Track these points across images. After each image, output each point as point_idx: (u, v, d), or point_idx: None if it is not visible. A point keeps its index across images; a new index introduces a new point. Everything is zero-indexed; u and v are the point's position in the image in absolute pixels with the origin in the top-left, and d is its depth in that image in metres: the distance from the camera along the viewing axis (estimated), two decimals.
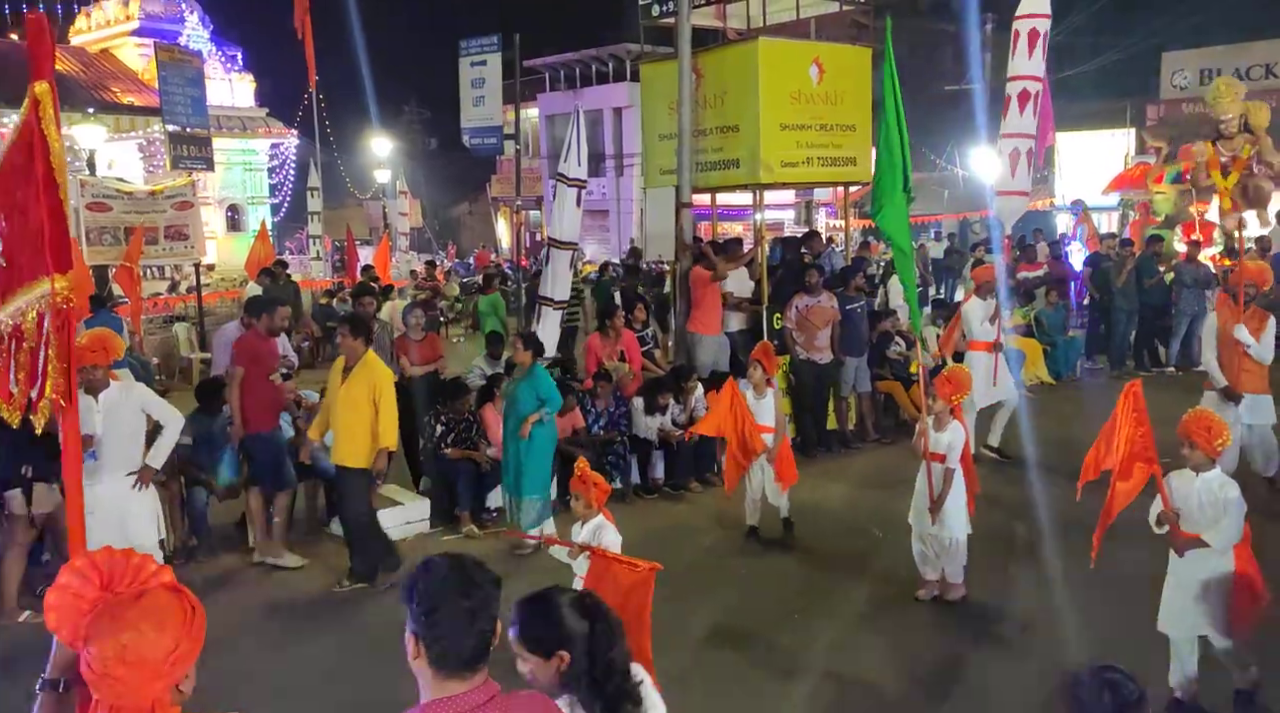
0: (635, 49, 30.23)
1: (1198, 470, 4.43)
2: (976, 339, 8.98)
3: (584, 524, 4.66)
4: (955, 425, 5.90)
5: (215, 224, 25.41)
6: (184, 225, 14.96)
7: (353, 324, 6.52)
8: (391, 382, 6.48)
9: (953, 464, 5.83)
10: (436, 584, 1.98)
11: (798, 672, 5.21)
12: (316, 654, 5.59)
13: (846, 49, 10.20)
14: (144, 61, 24.45)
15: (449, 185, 41.53)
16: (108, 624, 1.96)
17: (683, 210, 9.85)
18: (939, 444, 5.87)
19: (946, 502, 5.79)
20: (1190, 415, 4.54)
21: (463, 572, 2.00)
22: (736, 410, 6.87)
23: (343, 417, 6.32)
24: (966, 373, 6.13)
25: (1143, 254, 13.21)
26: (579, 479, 4.63)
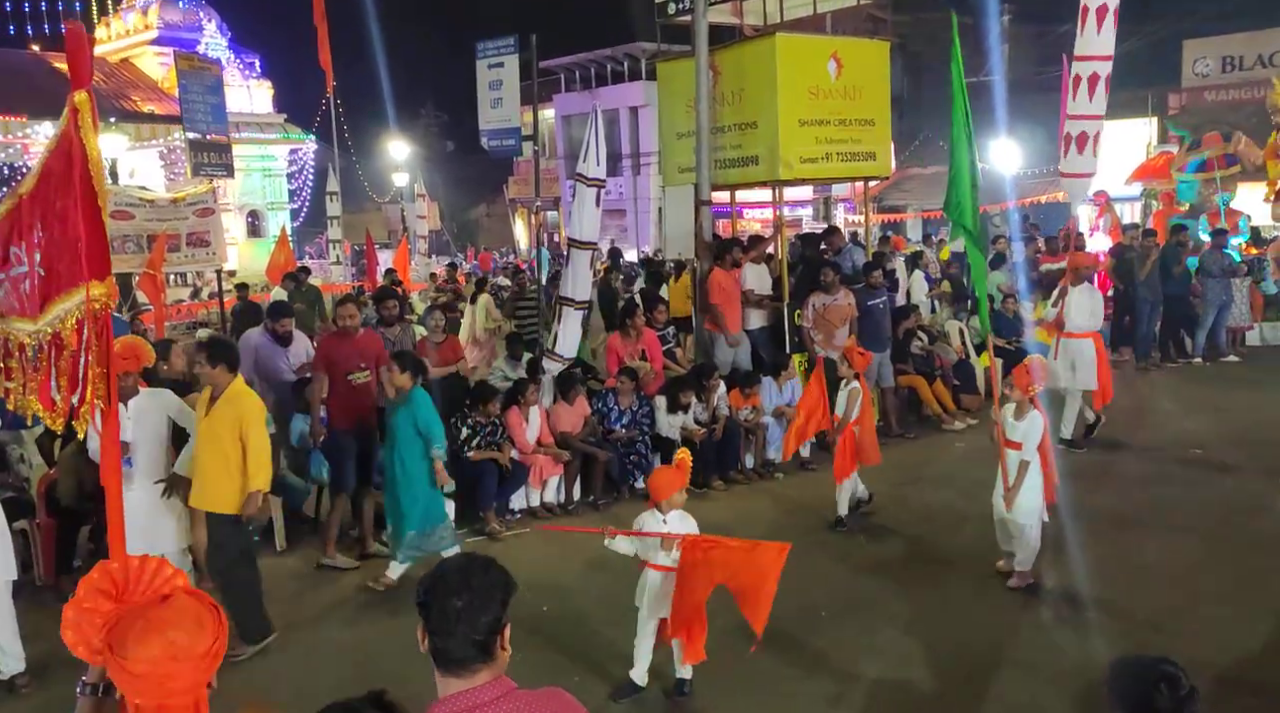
0: (650, 48, 30.24)
1: None
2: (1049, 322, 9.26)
3: (664, 516, 4.78)
4: (1034, 415, 5.96)
5: (236, 230, 25.63)
6: (205, 232, 15.02)
7: (211, 350, 5.61)
8: (262, 415, 5.66)
9: (1028, 455, 5.90)
10: (433, 583, 2.03)
11: (825, 671, 5.18)
12: (346, 648, 5.61)
13: (864, 43, 10.13)
14: (163, 70, 24.70)
15: (466, 187, 41.68)
16: (144, 627, 2.02)
17: (702, 208, 9.83)
18: (1015, 432, 5.95)
19: (1021, 489, 5.89)
20: None
21: (462, 573, 2.04)
22: (820, 389, 7.30)
23: (203, 455, 5.55)
24: (1044, 363, 6.26)
25: (1167, 244, 13.07)
26: (666, 470, 4.89)
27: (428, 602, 2.01)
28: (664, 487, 4.76)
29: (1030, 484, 5.90)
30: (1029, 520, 5.91)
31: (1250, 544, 6.49)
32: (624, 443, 8.35)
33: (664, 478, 4.82)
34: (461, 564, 2.08)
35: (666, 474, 4.85)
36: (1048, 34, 24.17)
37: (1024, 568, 5.98)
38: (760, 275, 9.90)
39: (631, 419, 8.48)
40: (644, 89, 32.70)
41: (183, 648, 2.00)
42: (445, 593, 2.00)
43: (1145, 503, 7.52)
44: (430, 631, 2.01)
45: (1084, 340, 8.98)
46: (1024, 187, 23.91)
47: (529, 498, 8.08)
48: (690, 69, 9.65)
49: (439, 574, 2.06)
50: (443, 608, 1.99)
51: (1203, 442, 8.78)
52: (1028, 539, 5.93)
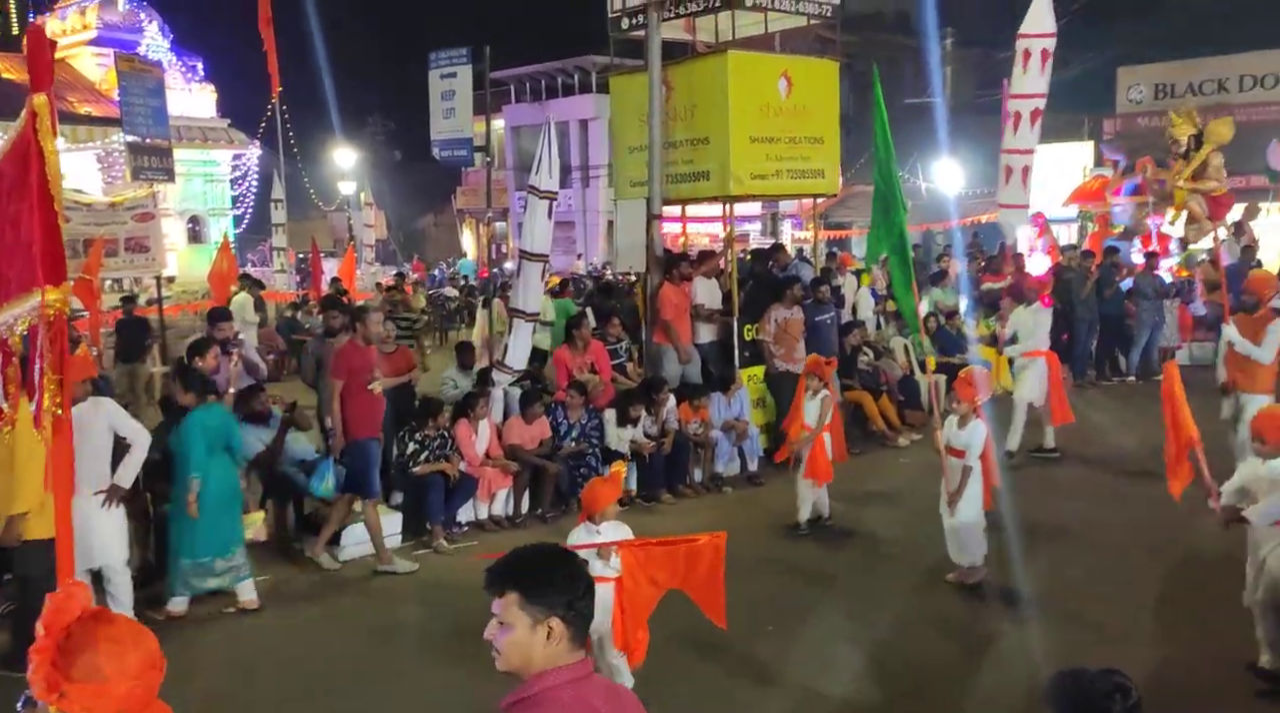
0: (601, 60, 30.32)
1: (1265, 460, 4.80)
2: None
3: (598, 527, 4.73)
4: (977, 423, 6.20)
5: (176, 236, 25.05)
6: (144, 237, 14.70)
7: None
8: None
9: (971, 461, 6.15)
10: (575, 568, 2.17)
11: (772, 683, 5.21)
12: (288, 665, 5.50)
13: (814, 62, 10.29)
14: (101, 71, 24.11)
15: (414, 197, 41.27)
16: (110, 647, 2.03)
17: (653, 222, 9.88)
18: (958, 440, 6.20)
19: (963, 495, 6.14)
20: (1263, 412, 5.09)
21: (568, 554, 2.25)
22: (797, 401, 7.55)
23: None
24: (984, 373, 6.55)
25: (1101, 265, 13.45)
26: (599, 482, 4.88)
27: (586, 588, 2.14)
28: (598, 499, 4.74)
29: (971, 491, 6.17)
30: (970, 524, 6.18)
31: (1184, 557, 6.68)
32: (573, 456, 8.33)
33: (597, 490, 4.80)
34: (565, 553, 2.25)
35: (599, 486, 4.83)
36: (989, 58, 24.79)
37: (969, 563, 6.25)
38: (710, 290, 9.96)
39: (581, 432, 8.47)
40: (594, 102, 32.78)
41: (155, 653, 2.04)
42: (581, 570, 2.17)
43: (1085, 516, 7.70)
44: (583, 612, 2.13)
45: (1036, 357, 9.27)
46: (966, 206, 24.43)
47: (477, 511, 8.02)
48: (643, 83, 9.70)
49: (575, 558, 2.22)
50: (588, 583, 2.16)
51: (1138, 457, 9.02)
52: (968, 537, 6.21)
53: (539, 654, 2.07)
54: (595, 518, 4.74)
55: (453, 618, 6.03)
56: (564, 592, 2.10)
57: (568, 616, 2.08)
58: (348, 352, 7.09)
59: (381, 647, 5.80)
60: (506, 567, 2.17)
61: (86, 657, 2.00)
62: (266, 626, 6.19)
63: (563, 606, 2.09)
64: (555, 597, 2.09)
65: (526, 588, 2.10)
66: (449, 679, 5.28)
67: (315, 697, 5.24)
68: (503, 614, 2.11)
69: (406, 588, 6.78)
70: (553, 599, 2.08)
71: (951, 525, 6.26)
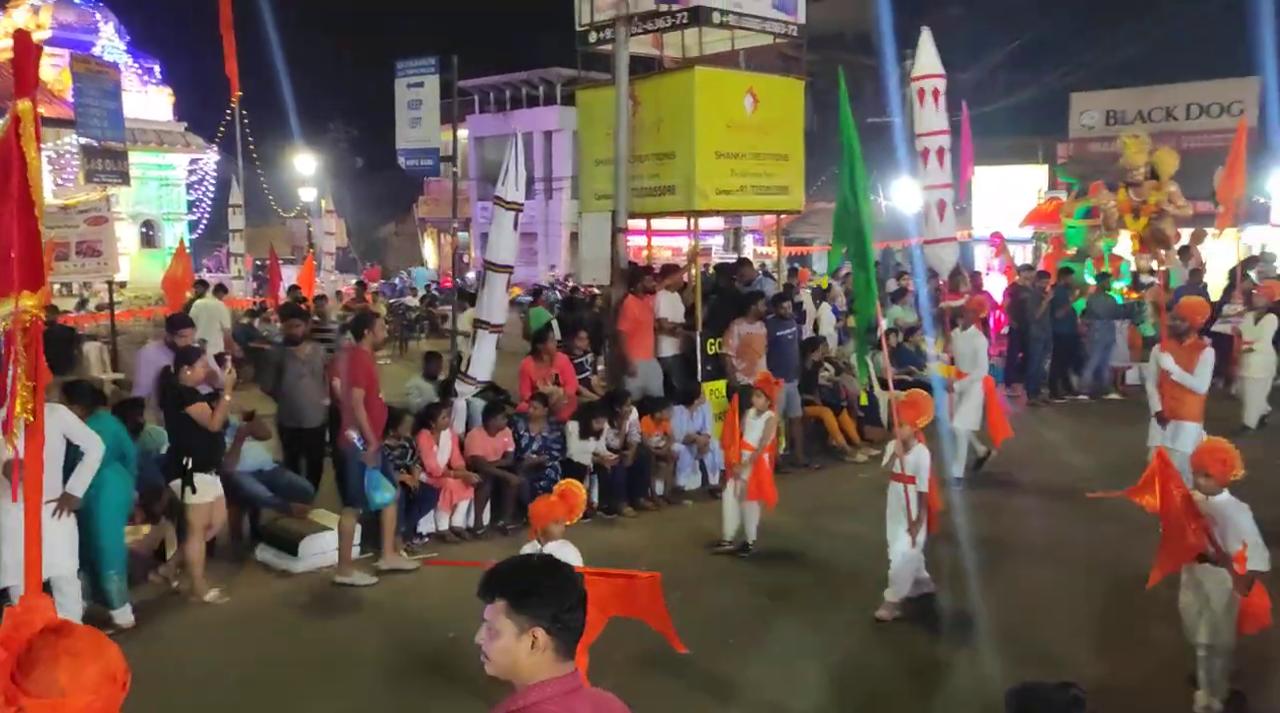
0: (566, 73, 30.38)
1: (1208, 495, 4.75)
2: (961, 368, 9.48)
3: (543, 546, 4.58)
4: (920, 448, 6.07)
5: (129, 240, 24.61)
6: (97, 241, 14.42)
7: None
8: None
9: (923, 485, 6.02)
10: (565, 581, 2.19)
11: (732, 699, 5.23)
12: (241, 676, 5.41)
13: (780, 80, 10.41)
14: (55, 72, 23.67)
15: (375, 205, 40.96)
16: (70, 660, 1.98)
17: (618, 235, 9.90)
18: (907, 466, 6.06)
19: (898, 523, 6.02)
20: (1205, 446, 4.97)
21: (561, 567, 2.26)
22: (729, 421, 7.39)
23: None
24: (928, 397, 6.31)
25: (1056, 285, 13.72)
26: (560, 498, 4.64)
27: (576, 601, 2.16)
28: (541, 515, 4.65)
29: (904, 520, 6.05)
30: (915, 555, 6.07)
31: (1135, 574, 6.80)
32: (534, 468, 8.30)
33: (542, 507, 4.69)
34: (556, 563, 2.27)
35: (545, 503, 4.71)
36: (950, 80, 25.20)
37: (895, 598, 6.12)
38: (674, 303, 10.00)
39: (543, 444, 8.44)
40: (559, 114, 32.85)
41: (115, 667, 2.00)
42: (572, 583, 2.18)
43: (1035, 534, 7.83)
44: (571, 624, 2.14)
45: (971, 382, 9.26)
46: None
47: (438, 522, 7.95)
48: (610, 97, 9.75)
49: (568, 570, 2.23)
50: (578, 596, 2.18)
51: (1087, 476, 9.20)
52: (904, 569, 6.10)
53: (525, 663, 2.10)
54: (539, 535, 4.66)
55: (402, 632, 5.99)
56: (550, 603, 2.12)
57: (553, 627, 2.11)
58: (362, 358, 7.04)
59: (330, 660, 5.71)
60: (497, 574, 2.19)
61: (44, 670, 1.97)
62: (219, 638, 6.07)
63: (548, 617, 2.11)
64: (541, 608, 2.11)
65: (513, 596, 2.12)
66: (389, 692, 5.23)
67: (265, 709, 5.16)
68: (492, 620, 2.13)
69: (363, 601, 6.69)
70: (538, 610, 2.10)
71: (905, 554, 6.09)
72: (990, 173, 24.18)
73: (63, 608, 5.52)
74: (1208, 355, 7.09)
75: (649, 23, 9.74)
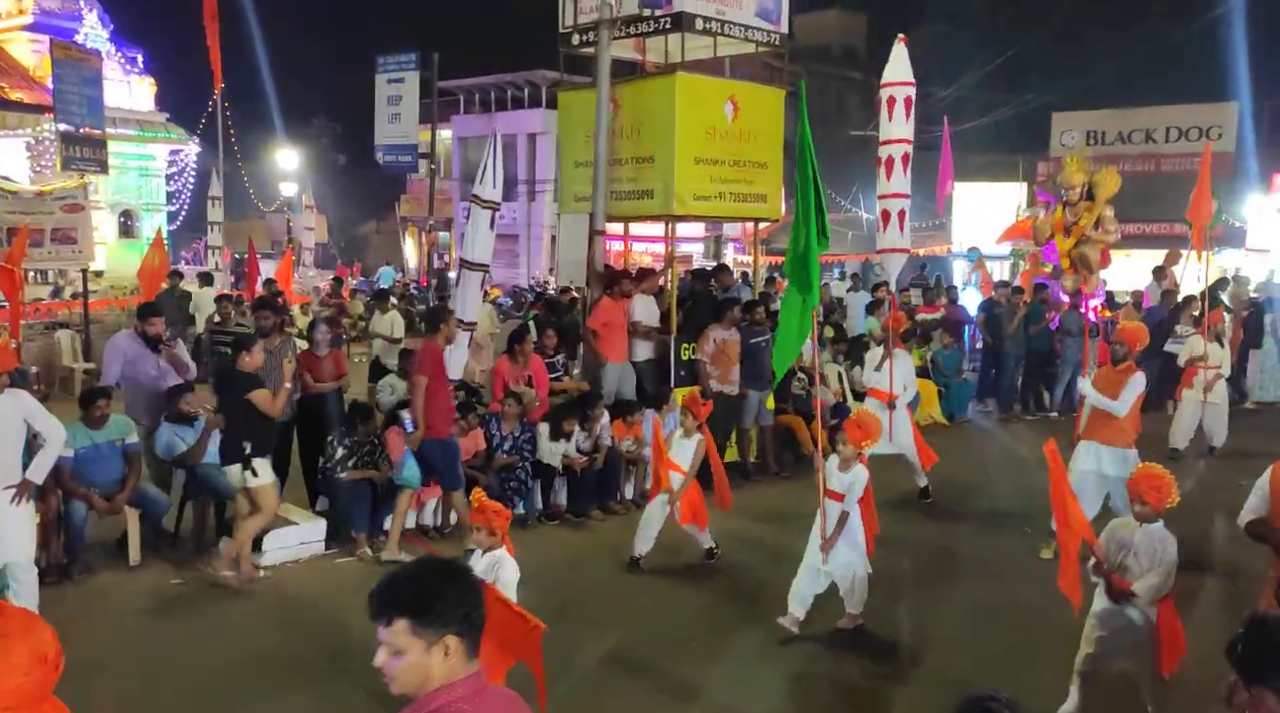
0: (552, 76, 30.39)
1: (1142, 522, 4.63)
2: (868, 384, 9.21)
3: (483, 555, 4.52)
4: (859, 468, 5.95)
5: (106, 230, 24.37)
6: (72, 229, 14.34)
7: None
8: None
9: (849, 506, 5.88)
10: (463, 578, 2.12)
11: (695, 701, 5.23)
12: (198, 671, 5.35)
13: (761, 89, 10.44)
14: (36, 58, 23.45)
15: (357, 203, 40.80)
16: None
17: (596, 238, 9.91)
18: (839, 483, 5.93)
19: (840, 540, 5.84)
20: (1141, 472, 4.76)
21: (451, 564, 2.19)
22: (656, 442, 7.12)
23: None
24: (876, 419, 6.19)
25: (1030, 302, 13.84)
26: (478, 510, 4.51)
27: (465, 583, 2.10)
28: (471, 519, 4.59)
29: (849, 537, 5.87)
30: (847, 572, 5.89)
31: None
32: (505, 468, 8.29)
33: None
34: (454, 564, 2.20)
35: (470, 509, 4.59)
36: (930, 96, 25.39)
37: (856, 610, 5.99)
38: (649, 308, 10.01)
39: (514, 445, 8.43)
40: (543, 117, 32.84)
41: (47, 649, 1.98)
42: (470, 578, 2.13)
43: (995, 549, 7.86)
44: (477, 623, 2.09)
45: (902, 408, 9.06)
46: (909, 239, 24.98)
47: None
48: (591, 99, 9.76)
49: (462, 569, 2.16)
50: (478, 589, 2.13)
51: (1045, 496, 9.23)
52: (857, 588, 5.93)
53: (437, 673, 2.02)
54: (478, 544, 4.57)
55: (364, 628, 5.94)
56: (457, 607, 2.05)
57: (462, 629, 2.04)
58: (434, 350, 7.41)
59: (288, 653, 5.67)
60: (392, 592, 2.07)
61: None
62: (176, 628, 6.02)
63: (457, 621, 2.03)
64: (449, 614, 2.03)
65: (417, 612, 2.02)
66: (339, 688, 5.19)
67: (217, 702, 5.11)
68: (393, 641, 2.02)
69: (323, 594, 6.65)
70: (446, 618, 2.02)
71: (819, 569, 5.91)
72: (969, 189, 24.41)
73: (18, 595, 5.47)
74: (1136, 380, 7.05)
75: (632, 26, 9.77)
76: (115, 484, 6.92)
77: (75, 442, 6.58)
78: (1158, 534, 4.60)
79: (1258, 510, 4.43)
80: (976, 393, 14.03)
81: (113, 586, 6.66)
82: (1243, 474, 10.46)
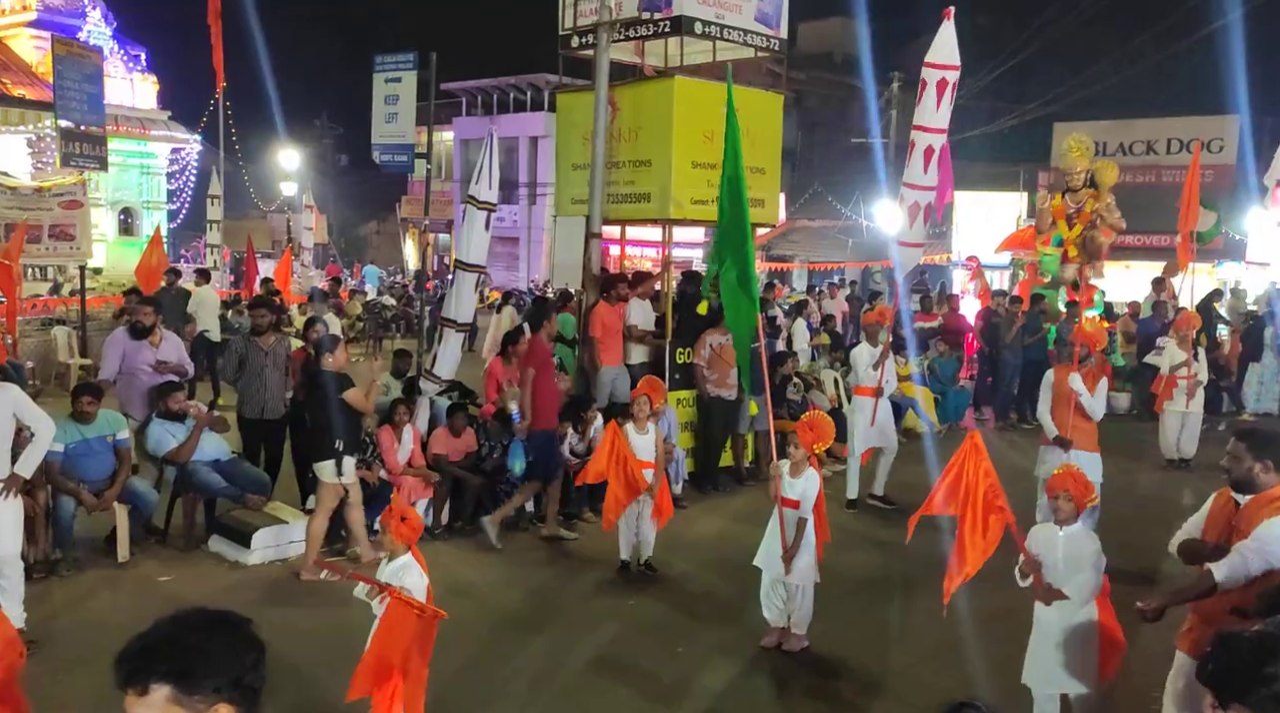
0: (554, 79, 30.37)
1: (1063, 524, 4.55)
2: (861, 384, 9.11)
3: (389, 561, 4.43)
4: (810, 473, 5.81)
5: (106, 227, 24.38)
6: (71, 225, 14.32)
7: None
8: None
9: (805, 513, 5.74)
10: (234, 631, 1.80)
11: (681, 705, 5.21)
12: None
13: (759, 94, 10.44)
14: (39, 54, 23.48)
15: (358, 203, 40.83)
16: None
17: (592, 241, 9.90)
18: (793, 490, 5.78)
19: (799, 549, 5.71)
20: (1062, 472, 4.69)
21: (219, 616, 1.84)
22: (617, 450, 6.83)
23: None
24: (828, 421, 5.99)
25: (1028, 311, 13.82)
26: (388, 512, 4.41)
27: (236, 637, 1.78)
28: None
29: (806, 543, 5.73)
30: (805, 581, 5.76)
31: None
32: (495, 469, 8.26)
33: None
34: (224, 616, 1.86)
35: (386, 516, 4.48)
36: None
37: (800, 630, 5.82)
38: (645, 311, 9.99)
39: (504, 449, 8.38)
40: (545, 120, 32.83)
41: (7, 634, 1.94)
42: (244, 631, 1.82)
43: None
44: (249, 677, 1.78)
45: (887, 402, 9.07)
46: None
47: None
48: (590, 102, 9.75)
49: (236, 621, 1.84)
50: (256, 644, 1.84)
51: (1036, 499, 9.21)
52: (806, 600, 5.80)
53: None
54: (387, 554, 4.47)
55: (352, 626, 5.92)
56: (227, 667, 1.72)
57: (234, 695, 1.71)
58: (541, 345, 8.01)
59: (274, 653, 5.64)
60: (145, 652, 1.71)
61: None
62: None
63: (228, 685, 1.70)
64: (218, 677, 1.70)
65: (178, 676, 1.68)
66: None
67: None
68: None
69: (311, 593, 6.62)
70: (215, 680, 1.69)
71: (779, 582, 5.80)
72: (970, 198, 24.39)
73: (3, 591, 5.44)
74: (1104, 385, 7.14)
75: (631, 29, 9.77)
76: (105, 481, 6.90)
77: (65, 437, 6.57)
78: (1079, 534, 4.54)
79: (1189, 534, 4.23)
80: (974, 401, 14.00)
81: (101, 582, 6.64)
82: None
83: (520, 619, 6.26)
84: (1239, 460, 3.95)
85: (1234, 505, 4.03)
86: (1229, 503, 4.07)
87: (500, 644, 5.79)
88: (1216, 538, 4.03)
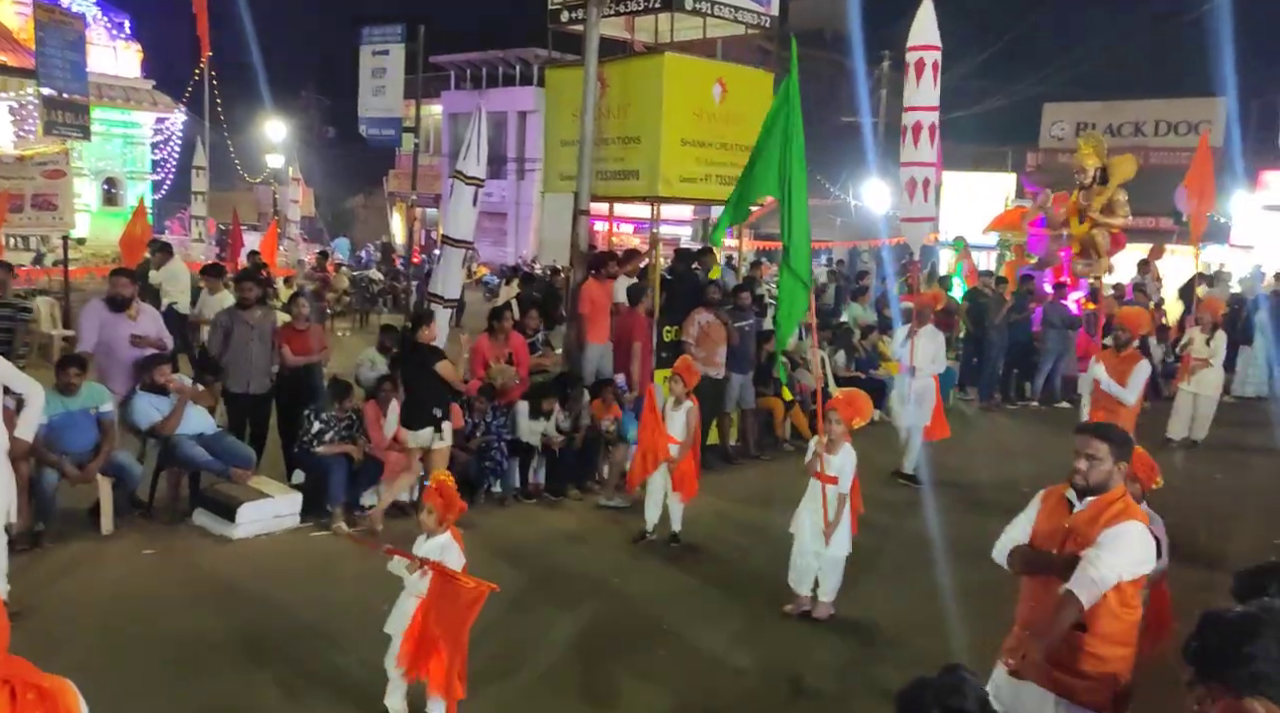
0: (543, 54, 30.14)
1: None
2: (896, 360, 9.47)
3: (429, 539, 4.45)
4: (847, 448, 5.90)
5: (89, 197, 24.14)
6: (53, 194, 14.15)
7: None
8: None
9: (844, 488, 5.86)
10: None
11: (664, 684, 5.25)
12: (168, 642, 5.34)
13: (750, 71, 10.38)
14: (21, 20, 23.13)
15: (345, 176, 40.45)
16: None
17: (580, 218, 9.86)
18: (830, 467, 5.86)
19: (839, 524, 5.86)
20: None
21: None
22: (651, 415, 7.09)
23: None
24: (865, 397, 6.11)
25: (1015, 292, 13.88)
26: (434, 491, 4.43)
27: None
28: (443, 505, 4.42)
29: (845, 522, 5.88)
30: (841, 554, 5.91)
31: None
32: (481, 446, 8.26)
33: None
34: None
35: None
36: None
37: (828, 598, 5.98)
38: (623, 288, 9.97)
39: (487, 427, 8.38)
40: (534, 94, 32.61)
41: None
42: None
43: (975, 534, 7.88)
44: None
45: (928, 381, 9.25)
46: (896, 225, 25.00)
47: (380, 495, 7.88)
48: (579, 78, 9.68)
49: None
50: None
51: (1032, 479, 9.30)
52: (835, 570, 5.95)
53: None
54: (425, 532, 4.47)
55: (335, 601, 5.95)
56: None
57: None
58: (641, 320, 8.89)
59: (258, 625, 5.66)
60: None
61: None
62: (146, 598, 5.99)
63: None
64: None
65: None
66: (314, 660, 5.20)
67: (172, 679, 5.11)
68: None
69: (296, 567, 6.64)
70: None
71: (817, 554, 5.92)
72: (958, 178, 24.42)
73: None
74: (1142, 367, 7.11)
75: (621, 5, 9.68)
76: (88, 453, 6.86)
77: (49, 409, 6.51)
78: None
79: (1017, 541, 3.79)
80: (959, 381, 14.07)
81: (84, 555, 6.62)
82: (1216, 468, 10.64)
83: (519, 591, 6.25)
84: (1098, 461, 3.52)
85: (1067, 508, 3.63)
86: (1060, 504, 3.67)
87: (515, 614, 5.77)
88: (1048, 545, 3.64)
